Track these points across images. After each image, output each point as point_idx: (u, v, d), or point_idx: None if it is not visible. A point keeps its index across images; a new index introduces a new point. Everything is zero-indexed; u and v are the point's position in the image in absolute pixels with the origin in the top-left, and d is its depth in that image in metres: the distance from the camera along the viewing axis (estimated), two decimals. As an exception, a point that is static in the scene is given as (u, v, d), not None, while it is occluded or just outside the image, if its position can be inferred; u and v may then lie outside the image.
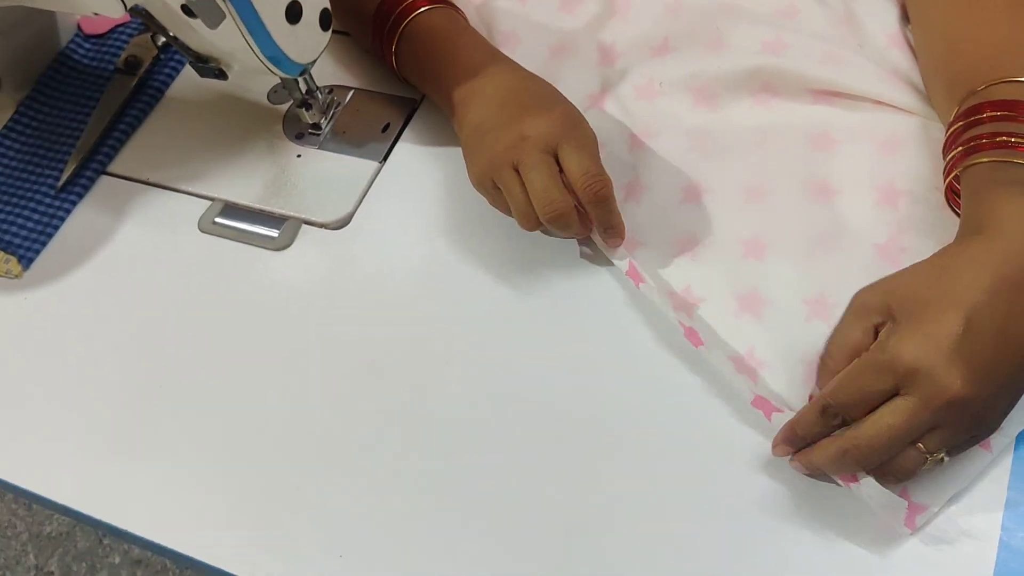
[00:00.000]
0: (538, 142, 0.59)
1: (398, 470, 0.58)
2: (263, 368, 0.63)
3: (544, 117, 0.60)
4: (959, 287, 0.49)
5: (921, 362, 0.47)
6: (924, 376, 0.47)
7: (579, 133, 0.60)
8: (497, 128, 0.61)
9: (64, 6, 0.64)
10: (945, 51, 0.62)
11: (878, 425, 0.49)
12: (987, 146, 0.54)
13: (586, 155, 0.59)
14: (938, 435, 0.49)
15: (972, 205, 0.54)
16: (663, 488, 0.55)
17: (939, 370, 0.47)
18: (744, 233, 0.62)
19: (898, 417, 0.48)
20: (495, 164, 0.60)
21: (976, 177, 0.55)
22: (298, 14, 0.62)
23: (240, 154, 0.73)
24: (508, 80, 0.64)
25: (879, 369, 0.49)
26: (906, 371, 0.48)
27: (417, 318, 0.63)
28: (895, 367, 0.48)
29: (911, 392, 0.48)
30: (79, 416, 0.63)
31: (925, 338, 0.48)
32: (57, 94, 0.79)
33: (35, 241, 0.71)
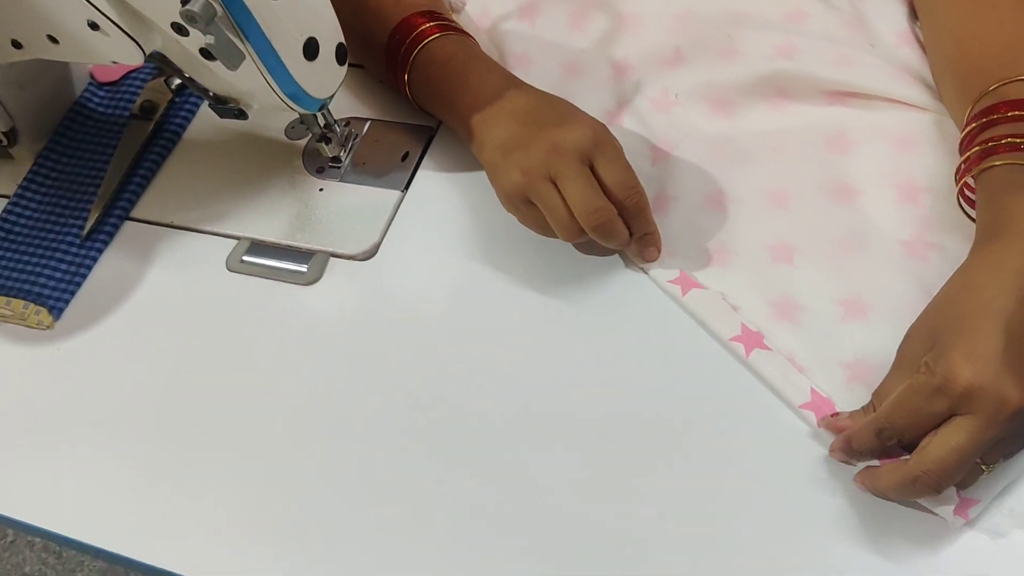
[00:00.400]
0: (574, 152, 0.59)
1: (443, 499, 0.58)
2: (303, 404, 0.63)
3: (576, 127, 0.60)
4: (987, 297, 0.49)
5: (975, 381, 0.47)
6: (982, 394, 0.47)
7: (611, 143, 0.61)
8: (525, 144, 0.61)
9: (83, 56, 0.64)
10: (954, 50, 0.62)
11: (946, 447, 0.48)
12: (1003, 148, 0.55)
13: (620, 166, 0.60)
14: (999, 447, 0.49)
15: (988, 210, 0.55)
16: (710, 496, 0.55)
17: (996, 386, 0.47)
18: (770, 238, 0.63)
19: (964, 437, 0.48)
20: (529, 179, 0.60)
21: (991, 181, 0.55)
22: (315, 50, 0.63)
23: (262, 191, 0.73)
24: (526, 100, 0.64)
25: (933, 392, 0.49)
26: (962, 392, 0.47)
27: (452, 343, 0.64)
28: (949, 389, 0.48)
29: (972, 411, 0.48)
30: (120, 461, 0.63)
31: (972, 356, 0.48)
32: (75, 143, 0.80)
33: (64, 291, 0.72)
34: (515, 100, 0.64)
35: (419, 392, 0.62)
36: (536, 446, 0.59)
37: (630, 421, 0.58)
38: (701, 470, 0.56)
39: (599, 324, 0.63)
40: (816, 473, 0.55)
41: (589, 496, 0.56)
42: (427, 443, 0.60)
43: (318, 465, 0.61)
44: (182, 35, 0.60)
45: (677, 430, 0.58)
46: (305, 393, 0.64)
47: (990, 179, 0.55)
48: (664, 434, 0.58)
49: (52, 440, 0.65)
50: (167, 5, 0.58)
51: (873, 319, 0.58)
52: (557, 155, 0.59)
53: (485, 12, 0.77)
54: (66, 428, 0.66)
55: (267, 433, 0.62)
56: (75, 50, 0.64)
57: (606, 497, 0.56)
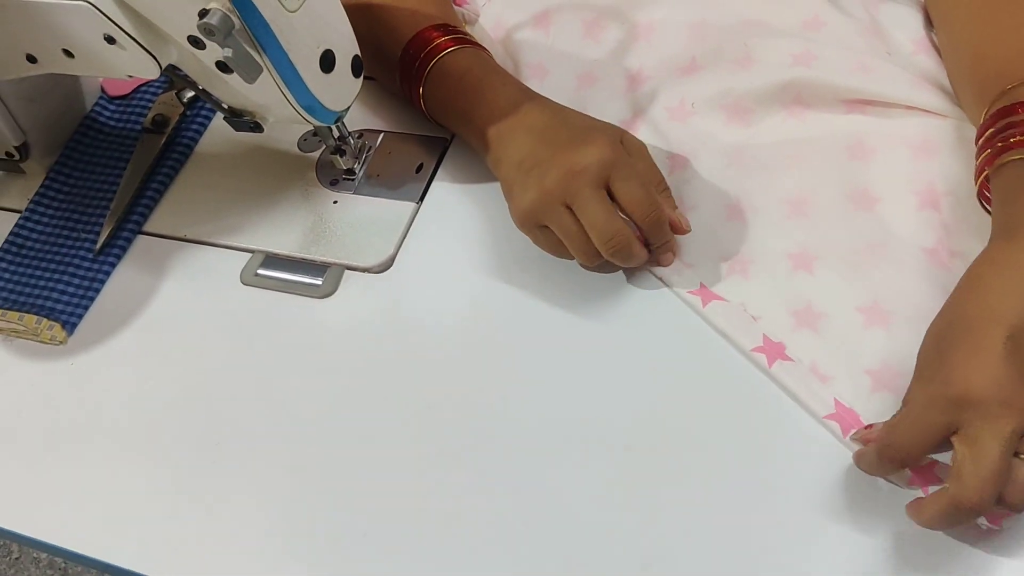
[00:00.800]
0: (589, 177, 0.59)
1: (462, 512, 0.57)
2: (319, 418, 0.63)
3: (590, 149, 0.59)
4: (994, 299, 0.49)
5: (970, 382, 0.47)
6: (980, 394, 0.47)
7: (626, 161, 0.60)
8: (540, 165, 0.60)
9: (99, 70, 0.64)
10: (972, 57, 0.62)
11: (974, 461, 0.47)
12: (1019, 144, 0.54)
13: (636, 184, 0.59)
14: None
15: (1003, 207, 0.54)
16: (733, 510, 0.55)
17: (997, 389, 0.47)
18: (791, 247, 0.62)
19: (985, 443, 0.47)
20: (544, 203, 0.60)
21: (1007, 177, 0.55)
22: (332, 63, 0.62)
23: (276, 204, 0.73)
24: (543, 114, 0.64)
25: (930, 402, 0.48)
26: (959, 397, 0.47)
27: (469, 356, 0.63)
28: (947, 395, 0.48)
29: (978, 414, 0.47)
30: (132, 476, 0.63)
31: (967, 358, 0.48)
32: (86, 158, 0.80)
33: (77, 306, 0.71)
34: (531, 115, 0.64)
35: (436, 405, 0.62)
36: (555, 459, 0.58)
37: (650, 434, 0.58)
38: (723, 483, 0.56)
39: (617, 336, 0.62)
40: (842, 485, 0.54)
41: (609, 509, 0.56)
42: (444, 456, 0.60)
43: (334, 478, 0.60)
44: (199, 48, 0.59)
45: (699, 443, 0.57)
46: (321, 406, 0.63)
47: (1006, 176, 0.55)
48: (685, 447, 0.57)
49: (65, 456, 0.65)
50: (184, 18, 0.58)
51: (895, 326, 0.58)
52: (572, 180, 0.59)
53: (499, 23, 0.77)
54: (79, 443, 0.65)
55: (282, 447, 0.62)
56: (91, 64, 0.64)
57: (627, 510, 0.56)
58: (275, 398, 0.64)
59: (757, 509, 0.54)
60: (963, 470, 0.47)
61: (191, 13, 0.57)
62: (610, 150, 0.59)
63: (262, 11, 0.57)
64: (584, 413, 0.59)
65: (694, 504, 0.55)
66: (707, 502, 0.55)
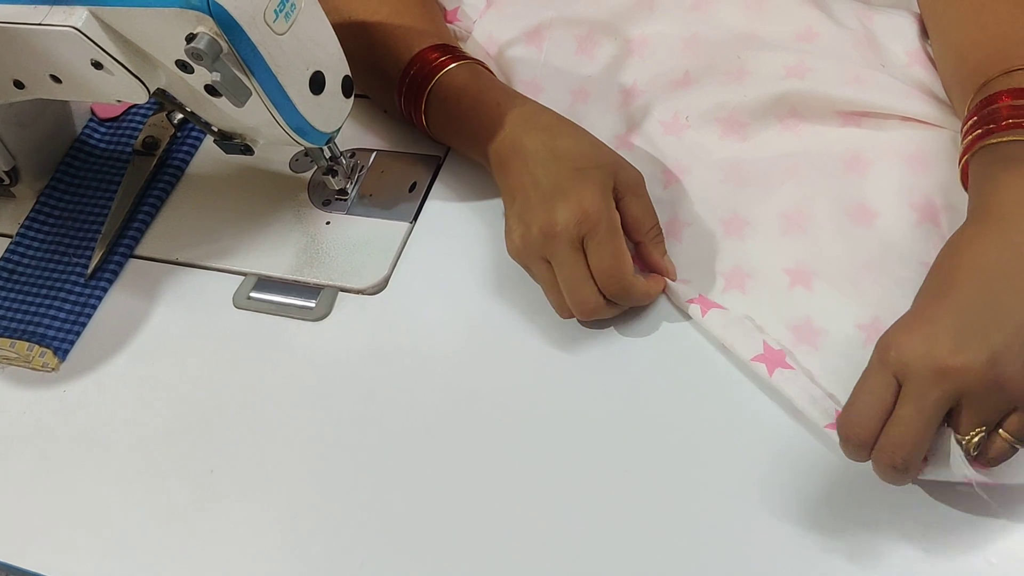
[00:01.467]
0: (566, 238, 0.58)
1: (459, 534, 0.57)
2: (314, 442, 0.62)
3: (568, 207, 0.58)
4: (944, 277, 0.50)
5: (903, 345, 0.48)
6: (909, 357, 0.48)
7: (605, 219, 0.58)
8: (523, 215, 0.60)
9: (86, 95, 0.64)
10: (956, 58, 0.62)
11: (894, 420, 0.48)
12: (1003, 127, 0.54)
13: (607, 251, 0.58)
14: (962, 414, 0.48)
15: (978, 185, 0.55)
16: (733, 524, 0.54)
17: (925, 347, 0.47)
18: (788, 262, 0.62)
19: (906, 408, 0.48)
20: (526, 253, 0.61)
21: (987, 157, 0.55)
22: (322, 84, 0.62)
23: (268, 226, 0.72)
24: (534, 142, 0.62)
25: (874, 369, 0.49)
26: (893, 359, 0.48)
27: (465, 377, 0.63)
28: (887, 360, 0.49)
29: (906, 378, 0.48)
30: (131, 506, 0.62)
31: (907, 323, 0.49)
32: (77, 181, 0.79)
33: (69, 332, 0.71)
34: (525, 141, 0.63)
35: (432, 428, 0.61)
36: (555, 481, 0.57)
37: (651, 452, 0.57)
38: (724, 499, 0.55)
39: (615, 354, 0.62)
40: (845, 503, 0.54)
41: (608, 533, 0.55)
42: (440, 479, 0.59)
43: (329, 504, 0.59)
44: (187, 72, 0.59)
45: (698, 459, 0.57)
46: (316, 431, 0.63)
47: (985, 155, 0.55)
48: (685, 464, 0.57)
49: (57, 485, 0.64)
50: (172, 43, 0.57)
51: None
52: (552, 241, 0.59)
53: (491, 39, 0.76)
54: (73, 472, 0.64)
55: (277, 474, 0.61)
56: (78, 89, 0.63)
57: (626, 535, 0.55)
58: (269, 423, 0.63)
59: (757, 527, 0.54)
60: (886, 430, 0.49)
61: (178, 37, 0.56)
62: (590, 206, 0.58)
63: (250, 34, 0.56)
64: (583, 436, 0.59)
65: (693, 524, 0.55)
66: (706, 522, 0.55)
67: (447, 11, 0.78)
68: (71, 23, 0.58)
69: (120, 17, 0.58)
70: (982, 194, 0.54)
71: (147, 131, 0.79)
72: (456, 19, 0.78)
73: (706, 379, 0.59)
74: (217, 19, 0.55)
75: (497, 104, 0.66)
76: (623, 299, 0.60)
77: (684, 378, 0.60)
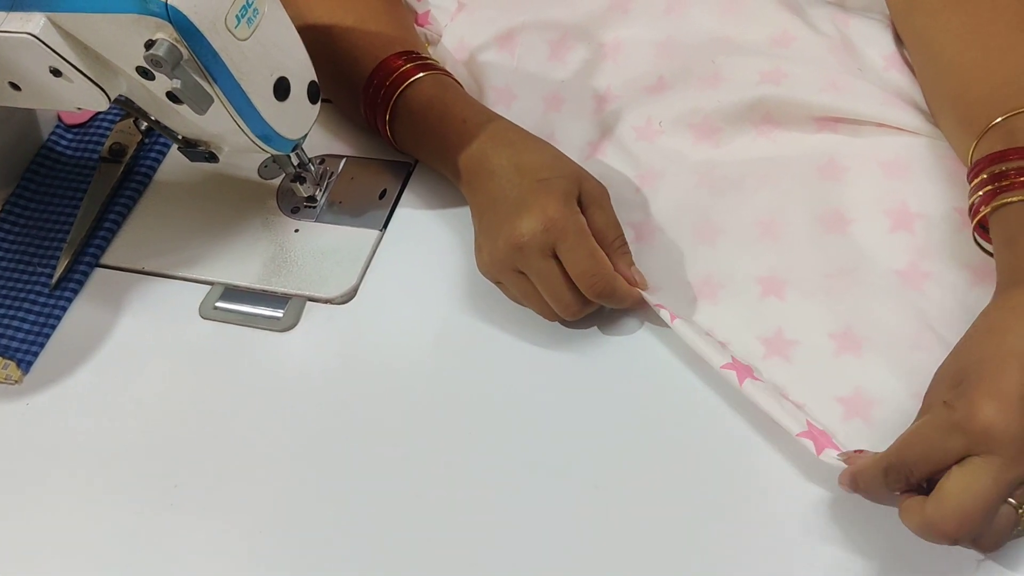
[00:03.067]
0: (534, 248, 0.58)
1: (428, 548, 0.56)
2: (280, 455, 0.61)
3: (532, 218, 0.58)
4: (1012, 339, 0.47)
5: (996, 418, 0.44)
6: (1002, 433, 0.44)
7: (573, 225, 0.58)
8: (493, 228, 0.60)
9: (46, 103, 0.62)
10: (956, 82, 0.60)
11: (967, 492, 0.45)
12: (1018, 185, 0.52)
13: (582, 253, 0.58)
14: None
15: (1009, 252, 0.52)
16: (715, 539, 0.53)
17: (1019, 424, 0.44)
18: (760, 271, 0.61)
19: (985, 480, 0.45)
20: (499, 270, 0.60)
21: (1008, 220, 0.53)
22: (286, 90, 0.61)
23: (236, 234, 0.71)
24: (500, 159, 0.62)
25: (950, 428, 0.46)
26: (982, 429, 0.45)
27: (435, 389, 0.62)
28: (968, 426, 0.45)
29: (992, 450, 0.45)
30: (94, 521, 0.61)
31: (994, 394, 0.45)
32: (43, 188, 0.78)
33: (33, 343, 0.69)
34: (491, 159, 0.62)
35: (400, 440, 0.60)
36: (524, 494, 0.56)
37: (623, 463, 0.56)
38: (697, 518, 0.54)
39: (588, 361, 0.61)
40: (819, 516, 0.53)
41: (579, 547, 0.54)
42: (409, 493, 0.58)
43: (296, 518, 0.58)
44: (148, 79, 0.58)
45: (669, 477, 0.56)
46: (283, 443, 0.61)
47: (1006, 218, 0.53)
48: (655, 482, 0.56)
49: (20, 501, 0.63)
50: (131, 49, 0.56)
51: (868, 352, 0.57)
52: (518, 251, 0.58)
53: (462, 44, 0.75)
54: (35, 487, 0.63)
55: (243, 486, 0.60)
56: (38, 97, 0.62)
57: (597, 548, 0.54)
58: (235, 436, 0.62)
59: (728, 540, 0.53)
60: (946, 486, 0.46)
61: (137, 44, 0.55)
62: (554, 213, 0.57)
63: (210, 41, 0.55)
64: (552, 448, 0.58)
65: (669, 533, 0.54)
66: (680, 535, 0.54)
67: (417, 14, 0.77)
68: (28, 30, 0.56)
69: (78, 23, 0.56)
70: (1017, 256, 0.51)
71: (114, 137, 0.78)
72: (427, 23, 0.77)
73: (682, 386, 0.59)
74: (176, 25, 0.54)
75: (463, 120, 0.64)
76: (609, 298, 0.59)
77: (659, 384, 0.59)
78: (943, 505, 0.45)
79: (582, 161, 0.67)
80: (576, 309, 0.59)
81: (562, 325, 0.62)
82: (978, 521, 0.45)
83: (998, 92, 0.56)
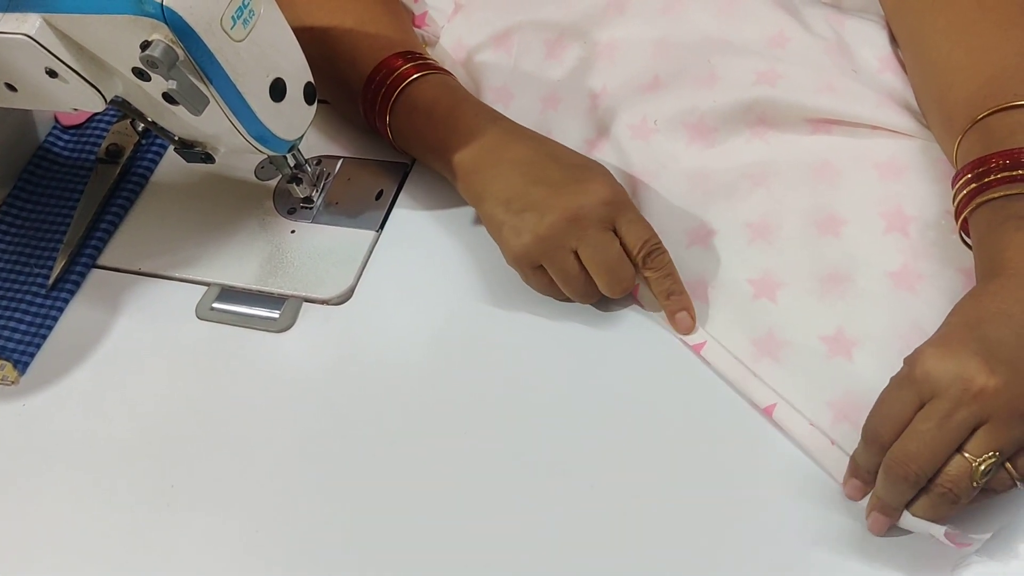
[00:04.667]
0: (596, 220, 0.58)
1: (427, 551, 0.56)
2: (277, 457, 0.61)
3: (593, 189, 0.59)
4: (973, 319, 0.50)
5: (935, 363, 0.48)
6: (941, 375, 0.47)
7: (629, 200, 0.60)
8: (536, 207, 0.59)
9: (43, 104, 0.62)
10: (941, 82, 0.61)
11: (914, 436, 0.48)
12: (995, 183, 0.53)
13: (642, 225, 0.59)
14: (980, 437, 0.47)
15: (983, 250, 0.54)
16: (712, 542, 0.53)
17: (958, 366, 0.47)
18: (753, 273, 0.61)
19: (928, 423, 0.47)
20: (545, 246, 0.59)
21: (984, 219, 0.54)
22: (282, 91, 0.61)
23: (232, 235, 0.71)
24: (526, 148, 0.62)
25: (900, 382, 0.49)
26: (923, 375, 0.48)
27: (432, 389, 0.62)
28: (913, 374, 0.48)
29: (935, 394, 0.47)
30: (90, 522, 0.61)
31: (936, 343, 0.49)
32: (40, 189, 0.78)
33: (29, 344, 0.69)
34: (513, 149, 0.62)
35: (397, 441, 0.60)
36: (519, 495, 0.57)
37: (616, 463, 0.57)
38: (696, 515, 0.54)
39: (587, 360, 0.61)
40: (815, 522, 0.53)
41: (577, 546, 0.54)
42: (406, 494, 0.58)
43: (292, 518, 0.58)
44: (144, 80, 0.58)
45: (669, 473, 0.56)
46: (279, 444, 0.61)
47: (984, 215, 0.54)
48: (655, 478, 0.56)
49: (16, 501, 0.63)
50: (127, 50, 0.56)
51: (859, 356, 0.57)
52: (578, 225, 0.58)
53: (459, 43, 0.75)
54: (32, 488, 0.63)
55: (239, 487, 0.60)
56: (34, 98, 0.62)
57: (600, 543, 0.54)
58: (231, 437, 0.62)
59: (726, 543, 0.53)
60: (902, 437, 0.48)
61: (133, 45, 0.55)
62: (611, 189, 0.59)
63: (206, 42, 0.55)
64: (548, 449, 0.58)
65: (662, 539, 0.54)
66: (676, 537, 0.54)
67: (415, 15, 0.77)
68: (24, 31, 0.56)
69: (74, 24, 0.56)
70: (997, 250, 0.52)
71: (111, 139, 0.78)
72: (424, 24, 0.77)
73: (680, 388, 0.59)
74: (172, 26, 0.54)
75: (475, 115, 0.65)
76: (667, 269, 0.60)
77: (660, 381, 0.59)
78: (895, 453, 0.48)
79: None
80: (628, 283, 0.60)
81: (595, 308, 0.62)
82: (925, 461, 0.47)
83: (980, 92, 0.57)
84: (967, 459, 0.47)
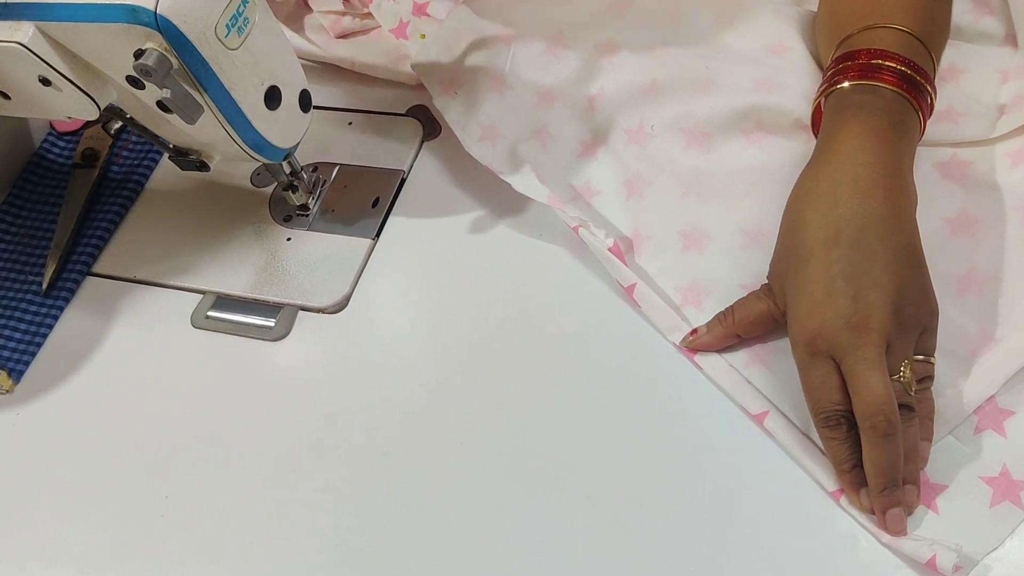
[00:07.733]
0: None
1: (422, 562, 0.55)
2: (273, 466, 0.61)
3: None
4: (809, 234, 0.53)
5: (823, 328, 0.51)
6: (834, 333, 0.50)
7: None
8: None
9: (36, 112, 0.62)
10: (825, 11, 0.65)
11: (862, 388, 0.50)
12: (853, 75, 0.57)
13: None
14: (893, 353, 0.51)
15: (822, 133, 0.58)
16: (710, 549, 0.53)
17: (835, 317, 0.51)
18: (746, 278, 0.61)
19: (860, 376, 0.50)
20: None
21: (831, 105, 0.58)
22: (278, 99, 0.60)
23: (228, 243, 0.71)
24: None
25: (808, 364, 0.52)
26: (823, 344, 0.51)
27: (428, 399, 0.61)
28: (816, 348, 0.51)
29: (849, 352, 0.50)
30: (84, 533, 0.60)
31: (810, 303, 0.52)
32: (35, 196, 0.77)
33: (24, 352, 0.69)
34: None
35: (393, 451, 0.60)
36: (514, 505, 0.56)
37: (613, 475, 0.56)
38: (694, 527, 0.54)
39: (583, 372, 0.60)
40: (813, 535, 0.53)
41: (572, 554, 0.54)
42: (401, 505, 0.57)
43: (288, 529, 0.58)
44: (138, 88, 0.58)
45: (666, 484, 0.55)
46: (275, 454, 0.61)
47: (830, 102, 0.58)
48: (652, 490, 0.55)
49: (10, 511, 0.62)
50: (121, 59, 0.56)
51: None
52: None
53: (458, 35, 0.75)
54: (25, 498, 0.63)
55: (235, 498, 0.60)
56: (28, 106, 0.62)
57: (592, 556, 0.54)
58: (227, 447, 0.62)
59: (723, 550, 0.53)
60: (861, 397, 0.50)
61: (127, 53, 0.55)
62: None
63: (200, 50, 0.55)
64: (543, 460, 0.57)
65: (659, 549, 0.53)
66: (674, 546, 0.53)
67: (416, 4, 0.77)
68: (17, 39, 0.56)
69: (67, 33, 0.56)
70: (828, 133, 0.56)
71: (85, 143, 0.78)
72: (425, 14, 0.77)
73: (678, 398, 0.58)
74: (166, 35, 0.54)
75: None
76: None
77: (657, 394, 0.59)
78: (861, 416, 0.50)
79: (574, 160, 0.68)
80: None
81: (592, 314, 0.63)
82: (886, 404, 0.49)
83: (856, 15, 0.60)
84: (898, 381, 0.51)
